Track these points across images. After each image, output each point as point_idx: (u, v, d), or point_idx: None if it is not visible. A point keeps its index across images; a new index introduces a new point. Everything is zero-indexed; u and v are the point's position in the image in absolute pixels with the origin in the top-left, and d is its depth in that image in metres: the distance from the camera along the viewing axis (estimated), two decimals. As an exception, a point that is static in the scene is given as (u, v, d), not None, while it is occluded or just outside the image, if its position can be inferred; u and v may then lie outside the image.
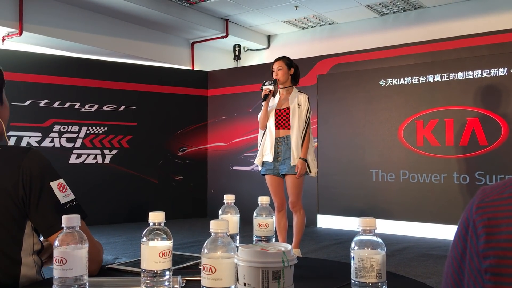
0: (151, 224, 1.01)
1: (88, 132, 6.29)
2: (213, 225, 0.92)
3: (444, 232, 5.10)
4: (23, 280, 1.18)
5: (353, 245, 0.99)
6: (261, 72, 6.16)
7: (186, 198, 7.03)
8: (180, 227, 5.88)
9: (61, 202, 1.19)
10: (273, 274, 0.88)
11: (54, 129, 6.04)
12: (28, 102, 5.85)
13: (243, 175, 6.87)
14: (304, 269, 1.24)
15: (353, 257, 0.99)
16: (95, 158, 6.34)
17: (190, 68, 7.59)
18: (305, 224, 3.89)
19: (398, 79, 5.65)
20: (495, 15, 5.91)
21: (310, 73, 6.32)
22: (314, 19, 7.01)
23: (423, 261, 4.09)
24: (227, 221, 0.93)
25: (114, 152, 6.48)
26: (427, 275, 3.59)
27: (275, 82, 3.81)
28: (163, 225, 1.02)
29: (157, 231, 1.01)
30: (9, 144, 1.34)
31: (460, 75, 5.27)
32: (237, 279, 0.92)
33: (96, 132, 6.35)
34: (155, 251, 0.99)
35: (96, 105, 6.36)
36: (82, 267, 0.95)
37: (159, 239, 1.00)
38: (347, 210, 5.88)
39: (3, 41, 5.88)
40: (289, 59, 3.94)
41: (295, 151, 3.72)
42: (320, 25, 7.31)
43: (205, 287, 0.90)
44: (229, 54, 8.02)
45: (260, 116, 3.89)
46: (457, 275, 0.60)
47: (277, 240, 2.82)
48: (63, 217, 0.96)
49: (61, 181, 1.22)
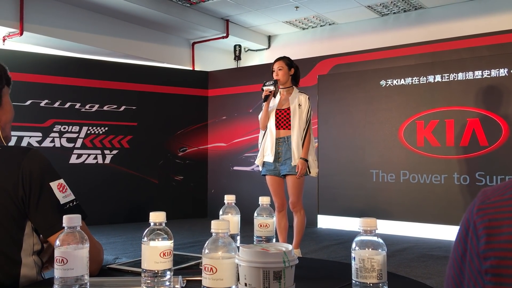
0: (152, 224, 1.01)
1: (89, 132, 6.29)
2: (214, 225, 0.92)
3: (445, 232, 5.10)
4: (23, 280, 1.18)
5: (354, 245, 0.99)
6: (262, 73, 6.16)
7: (186, 198, 7.03)
8: (180, 227, 5.88)
9: (61, 202, 1.19)
10: (274, 274, 0.88)
11: (54, 129, 6.05)
12: (28, 102, 5.85)
13: (243, 175, 6.87)
14: (304, 269, 1.24)
15: (354, 258, 0.99)
16: (96, 158, 6.34)
17: (191, 68, 7.59)
18: (305, 224, 3.89)
19: (399, 80, 5.65)
20: (495, 15, 5.91)
21: (310, 73, 6.32)
22: (315, 19, 7.01)
23: (423, 261, 4.09)
24: (228, 221, 0.93)
25: (115, 152, 6.48)
26: (427, 275, 3.59)
27: (275, 82, 3.81)
28: (164, 225, 1.02)
29: (158, 231, 1.01)
30: (9, 144, 1.34)
31: (460, 76, 5.27)
32: (238, 279, 0.92)
33: (97, 132, 6.35)
34: (156, 251, 0.99)
35: (97, 105, 6.36)
36: (83, 267, 0.95)
37: (160, 239, 1.00)
38: (347, 211, 5.88)
39: (3, 41, 5.89)
40: (289, 59, 3.93)
41: (295, 151, 3.72)
42: (321, 26, 7.31)
43: (206, 287, 0.90)
44: (229, 54, 8.02)
45: (260, 117, 3.89)
46: (457, 276, 0.60)
47: (277, 240, 2.81)
48: (64, 217, 0.96)
49: (61, 181, 1.22)
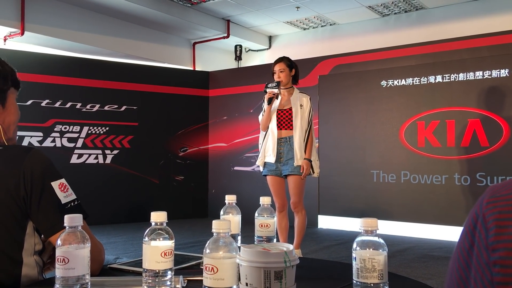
0: (153, 224, 1.01)
1: (90, 132, 6.29)
2: (215, 225, 0.92)
3: (445, 233, 5.10)
4: (24, 280, 1.18)
5: (355, 245, 0.99)
6: (262, 73, 6.16)
7: (186, 198, 7.03)
8: (180, 227, 5.88)
9: (62, 202, 1.19)
10: (275, 274, 0.88)
11: (55, 129, 6.05)
12: (29, 102, 5.85)
13: (244, 176, 6.87)
14: (305, 269, 1.24)
15: (355, 258, 0.99)
16: (96, 158, 6.34)
17: (192, 69, 7.59)
18: (306, 224, 3.89)
19: (400, 80, 5.65)
20: (496, 16, 5.90)
21: (311, 73, 6.32)
22: (316, 19, 7.01)
23: (424, 262, 4.09)
24: (229, 221, 0.94)
25: (115, 152, 6.48)
26: (428, 276, 3.59)
27: (278, 84, 3.80)
28: (165, 225, 1.02)
29: (159, 231, 1.01)
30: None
31: (461, 76, 5.26)
32: (239, 279, 0.92)
33: (98, 132, 6.35)
34: (157, 251, 0.99)
35: (98, 105, 6.36)
36: (84, 266, 0.95)
37: (161, 239, 1.00)
38: (347, 211, 5.88)
39: (5, 41, 5.89)
40: (289, 59, 3.93)
41: (298, 151, 3.72)
42: (322, 26, 7.31)
43: (207, 287, 0.90)
44: (230, 55, 8.02)
45: (262, 118, 3.89)
46: (463, 270, 0.60)
47: (278, 240, 2.81)
48: (66, 217, 0.96)
49: (62, 181, 1.22)
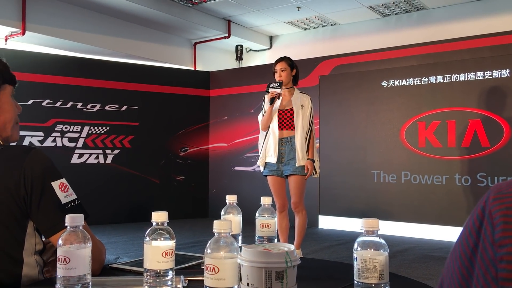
0: (154, 223, 1.01)
1: (90, 132, 6.29)
2: (217, 225, 0.92)
3: (446, 233, 5.09)
4: (24, 279, 1.18)
5: (356, 245, 0.99)
6: (263, 73, 6.16)
7: (187, 198, 7.04)
8: (181, 227, 5.88)
9: (62, 202, 1.19)
10: (276, 274, 0.88)
11: (56, 129, 6.05)
12: (30, 102, 5.86)
13: (244, 176, 6.87)
14: (306, 269, 1.24)
15: (356, 258, 0.99)
16: (97, 158, 6.34)
17: (192, 69, 7.60)
18: (307, 225, 3.89)
19: (400, 80, 5.65)
20: (497, 16, 5.90)
21: (312, 74, 6.32)
22: (317, 20, 7.01)
23: (424, 262, 4.09)
24: (230, 221, 0.93)
25: (116, 152, 6.49)
26: (428, 276, 3.59)
27: (280, 84, 3.79)
28: (166, 225, 1.02)
29: (160, 231, 1.01)
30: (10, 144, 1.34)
31: (462, 77, 5.26)
32: (240, 279, 0.92)
33: (98, 132, 6.36)
34: (158, 251, 0.99)
35: (98, 105, 6.36)
36: (85, 266, 0.95)
37: (162, 238, 1.00)
38: (348, 211, 5.88)
39: (6, 40, 5.90)
40: (290, 59, 3.93)
41: (300, 152, 3.72)
42: (322, 26, 7.31)
43: (208, 287, 0.90)
44: (231, 55, 8.02)
45: (262, 118, 3.87)
46: (465, 268, 0.59)
47: (278, 240, 2.82)
48: (67, 217, 0.96)
49: (62, 180, 1.22)
